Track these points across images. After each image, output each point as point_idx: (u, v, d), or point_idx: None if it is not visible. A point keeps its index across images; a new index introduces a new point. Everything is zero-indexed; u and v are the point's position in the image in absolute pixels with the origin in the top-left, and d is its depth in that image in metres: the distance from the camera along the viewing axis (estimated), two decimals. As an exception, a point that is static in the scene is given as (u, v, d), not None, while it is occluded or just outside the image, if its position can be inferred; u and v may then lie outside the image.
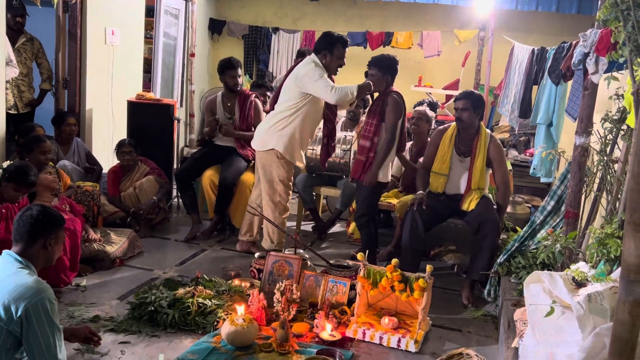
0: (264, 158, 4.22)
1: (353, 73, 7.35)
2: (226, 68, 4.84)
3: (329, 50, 4.09)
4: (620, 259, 1.65)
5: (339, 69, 4.20)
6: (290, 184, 4.32)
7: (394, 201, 4.66)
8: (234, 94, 4.92)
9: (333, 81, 4.19)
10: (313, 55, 4.15)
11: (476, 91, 4.38)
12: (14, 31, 5.02)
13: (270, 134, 4.18)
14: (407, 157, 4.87)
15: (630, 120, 2.55)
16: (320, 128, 4.45)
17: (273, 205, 4.25)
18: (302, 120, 4.14)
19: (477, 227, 3.88)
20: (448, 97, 7.21)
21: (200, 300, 3.31)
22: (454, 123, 4.17)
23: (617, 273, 2.17)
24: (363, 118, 5.34)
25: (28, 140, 4.15)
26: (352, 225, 4.93)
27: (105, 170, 5.09)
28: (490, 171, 4.12)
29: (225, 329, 2.97)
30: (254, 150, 4.40)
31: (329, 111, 4.27)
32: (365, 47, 7.28)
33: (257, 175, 4.41)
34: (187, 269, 4.15)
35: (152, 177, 4.87)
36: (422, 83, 7.21)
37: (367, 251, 3.68)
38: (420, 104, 5.65)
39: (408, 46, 7.16)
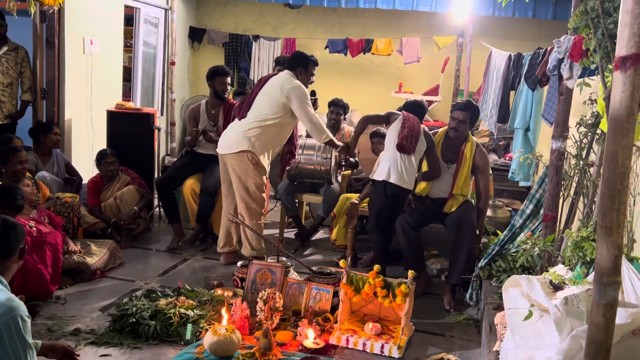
0: (237, 165, 4.18)
1: (334, 80, 7.42)
2: (217, 74, 4.85)
3: (305, 67, 4.29)
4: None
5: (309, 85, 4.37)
6: (266, 189, 4.34)
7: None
8: (219, 102, 4.92)
9: None
10: (289, 72, 4.24)
11: (474, 101, 4.44)
12: None
13: (243, 139, 4.15)
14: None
15: (604, 125, 2.60)
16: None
17: (249, 212, 4.24)
18: (277, 131, 4.21)
19: (455, 231, 3.93)
20: (428, 103, 7.27)
21: (182, 310, 3.29)
22: (442, 129, 4.21)
23: (593, 276, 2.21)
24: (344, 126, 5.37)
25: (3, 151, 4.10)
26: (335, 231, 4.94)
27: (85, 180, 5.04)
28: (473, 178, 4.18)
29: (208, 339, 2.96)
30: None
31: (296, 129, 4.47)
32: (345, 54, 7.32)
33: (224, 187, 4.39)
34: (169, 279, 4.13)
35: (133, 187, 4.84)
36: (403, 89, 7.26)
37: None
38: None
39: (388, 53, 7.21)
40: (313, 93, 4.81)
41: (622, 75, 1.49)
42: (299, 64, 4.29)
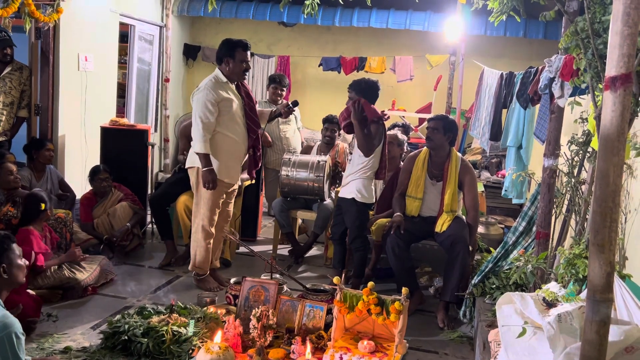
0: (193, 177, 4.20)
1: (328, 97, 7.46)
2: None
3: (231, 56, 4.07)
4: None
5: (246, 74, 4.20)
6: (216, 208, 4.21)
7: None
8: None
9: (244, 87, 4.26)
10: (216, 70, 4.13)
11: (450, 116, 4.50)
12: (1, 62, 4.91)
13: (192, 155, 4.16)
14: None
15: (595, 143, 2.63)
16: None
17: (196, 227, 4.21)
18: (218, 142, 4.07)
19: (448, 248, 3.95)
20: (421, 120, 7.33)
21: (175, 328, 3.26)
22: (425, 148, 4.27)
23: (585, 293, 2.22)
24: (338, 142, 5.40)
25: None
26: (331, 248, 4.93)
27: (78, 197, 5.02)
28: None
29: (201, 357, 2.94)
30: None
31: (250, 121, 4.19)
32: (339, 72, 7.38)
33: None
34: (161, 296, 4.10)
35: (126, 203, 4.83)
36: (396, 107, 7.32)
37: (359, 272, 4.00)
38: (393, 127, 5.73)
39: (381, 71, 7.28)
40: (295, 103, 4.53)
41: (612, 95, 1.52)
42: (224, 54, 4.06)
